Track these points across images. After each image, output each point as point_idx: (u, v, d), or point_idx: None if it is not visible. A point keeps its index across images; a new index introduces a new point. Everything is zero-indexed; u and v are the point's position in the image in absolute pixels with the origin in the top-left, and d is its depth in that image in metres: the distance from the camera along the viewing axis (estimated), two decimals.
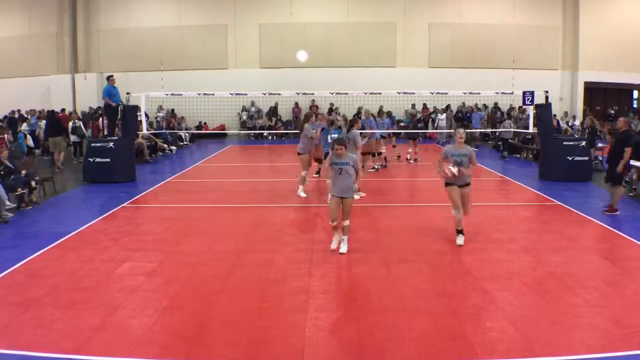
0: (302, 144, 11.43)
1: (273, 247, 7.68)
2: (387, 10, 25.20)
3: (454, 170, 7.43)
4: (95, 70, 25.18)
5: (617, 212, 9.48)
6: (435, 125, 23.15)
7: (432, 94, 19.67)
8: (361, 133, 13.52)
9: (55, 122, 17.40)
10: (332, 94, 17.48)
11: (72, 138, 17.75)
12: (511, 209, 10.13)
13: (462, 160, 7.56)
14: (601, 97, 26.35)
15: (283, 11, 25.14)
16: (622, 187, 9.94)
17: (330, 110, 22.56)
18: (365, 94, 17.21)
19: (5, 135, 15.56)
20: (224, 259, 7.10)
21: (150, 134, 18.40)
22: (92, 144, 13.77)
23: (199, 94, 16.96)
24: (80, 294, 5.85)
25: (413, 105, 25.00)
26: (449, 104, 25.06)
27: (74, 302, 5.64)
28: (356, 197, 10.82)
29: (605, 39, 24.33)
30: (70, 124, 18.10)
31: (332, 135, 11.08)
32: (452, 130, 23.48)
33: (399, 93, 18.05)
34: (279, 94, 18.19)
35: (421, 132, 20.14)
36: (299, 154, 11.47)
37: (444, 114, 23.37)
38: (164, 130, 20.50)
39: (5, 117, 21.97)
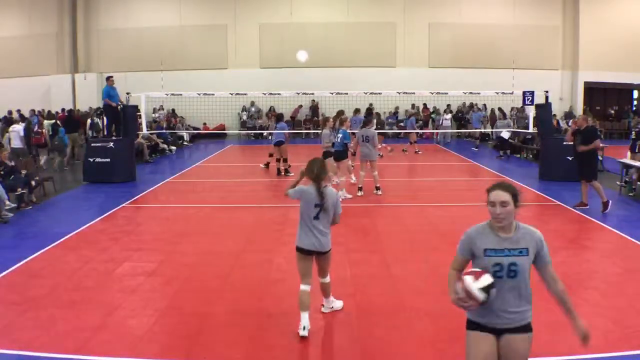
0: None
1: (273, 247, 7.67)
2: (387, 10, 25.20)
3: (480, 295, 2.93)
4: (95, 70, 25.19)
5: (609, 203, 9.58)
6: (440, 123, 23.19)
7: (432, 94, 19.71)
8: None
9: (73, 119, 18.64)
10: (332, 94, 17.48)
11: (90, 134, 18.89)
12: None
13: (515, 266, 3.00)
14: (601, 97, 26.35)
15: (283, 11, 25.15)
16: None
17: (370, 111, 22.17)
18: (365, 94, 17.23)
19: (44, 130, 16.47)
20: (224, 259, 7.10)
21: (150, 134, 18.42)
22: (92, 144, 13.77)
23: (199, 94, 16.96)
24: (80, 294, 5.85)
25: (414, 106, 24.99)
26: (449, 104, 25.08)
27: (74, 302, 5.64)
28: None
29: (605, 39, 24.33)
30: (89, 120, 19.42)
31: (338, 135, 10.94)
32: (453, 130, 23.53)
33: (399, 93, 18.09)
34: (279, 94, 18.20)
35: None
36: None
37: (449, 114, 23.43)
38: (164, 130, 20.51)
39: (5, 117, 21.94)
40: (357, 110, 19.47)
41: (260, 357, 4.53)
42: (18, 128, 15.02)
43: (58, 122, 18.15)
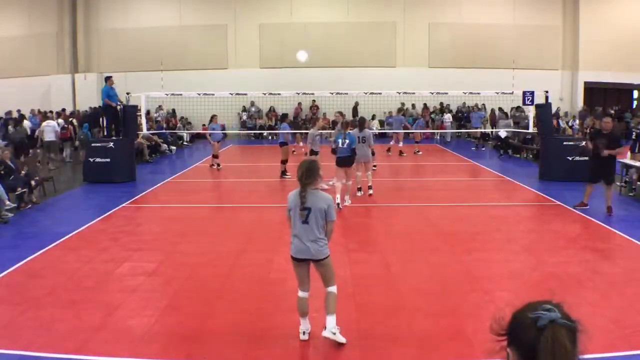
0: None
1: (273, 247, 7.67)
2: (387, 10, 25.20)
3: None
4: (95, 70, 25.18)
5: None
6: (441, 123, 23.21)
7: (432, 94, 19.72)
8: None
9: (96, 116, 20.21)
10: (332, 94, 17.48)
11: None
12: (511, 209, 10.13)
13: None
14: (601, 97, 26.34)
15: (283, 11, 25.15)
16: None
17: (402, 110, 21.62)
18: (365, 94, 17.23)
19: (69, 126, 18.32)
20: (224, 259, 7.10)
21: (151, 134, 18.42)
22: (92, 144, 13.77)
23: (199, 94, 16.96)
24: (80, 294, 5.85)
25: (414, 105, 24.94)
26: (449, 104, 25.10)
27: (74, 302, 5.63)
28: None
29: (605, 39, 24.32)
30: None
31: (345, 141, 10.11)
32: (454, 130, 23.50)
33: (399, 93, 18.09)
34: (279, 94, 18.21)
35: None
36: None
37: (449, 114, 23.46)
38: (164, 131, 20.50)
39: (2, 117, 21.95)
40: (399, 110, 19.55)
41: (260, 357, 4.53)
42: (53, 123, 16.78)
43: (74, 120, 19.83)
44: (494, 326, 1.46)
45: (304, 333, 4.75)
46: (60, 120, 17.96)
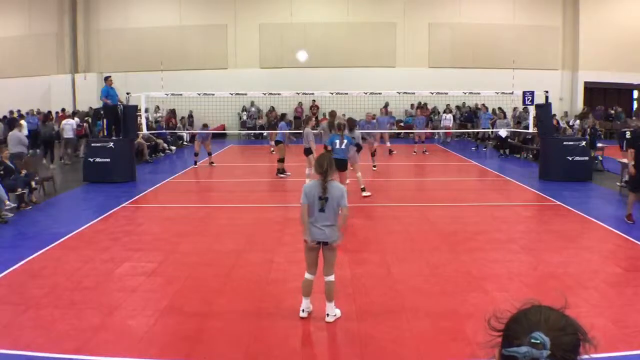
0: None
1: (273, 247, 7.67)
2: (387, 10, 25.20)
3: None
4: (95, 70, 25.18)
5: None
6: (440, 125, 23.22)
7: (432, 94, 19.72)
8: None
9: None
10: (332, 94, 17.48)
11: None
12: (511, 209, 10.13)
13: None
14: (601, 97, 26.34)
15: (283, 11, 25.15)
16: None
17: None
18: (365, 94, 17.22)
19: (84, 124, 19.12)
20: (224, 259, 7.10)
21: (151, 134, 18.43)
22: (92, 144, 13.77)
23: (199, 94, 16.97)
24: (80, 294, 5.85)
25: (413, 105, 24.91)
26: (449, 104, 25.09)
27: (74, 302, 5.63)
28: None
29: (605, 39, 24.33)
30: None
31: (344, 142, 9.85)
32: (456, 130, 23.50)
33: (399, 93, 18.09)
34: (279, 94, 18.21)
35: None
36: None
37: (450, 114, 23.48)
38: (164, 130, 20.50)
39: (5, 117, 21.96)
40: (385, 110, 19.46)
41: (260, 357, 4.53)
42: (72, 122, 17.71)
43: (89, 119, 20.49)
44: (492, 322, 1.42)
45: (303, 311, 5.12)
46: (77, 119, 18.86)
